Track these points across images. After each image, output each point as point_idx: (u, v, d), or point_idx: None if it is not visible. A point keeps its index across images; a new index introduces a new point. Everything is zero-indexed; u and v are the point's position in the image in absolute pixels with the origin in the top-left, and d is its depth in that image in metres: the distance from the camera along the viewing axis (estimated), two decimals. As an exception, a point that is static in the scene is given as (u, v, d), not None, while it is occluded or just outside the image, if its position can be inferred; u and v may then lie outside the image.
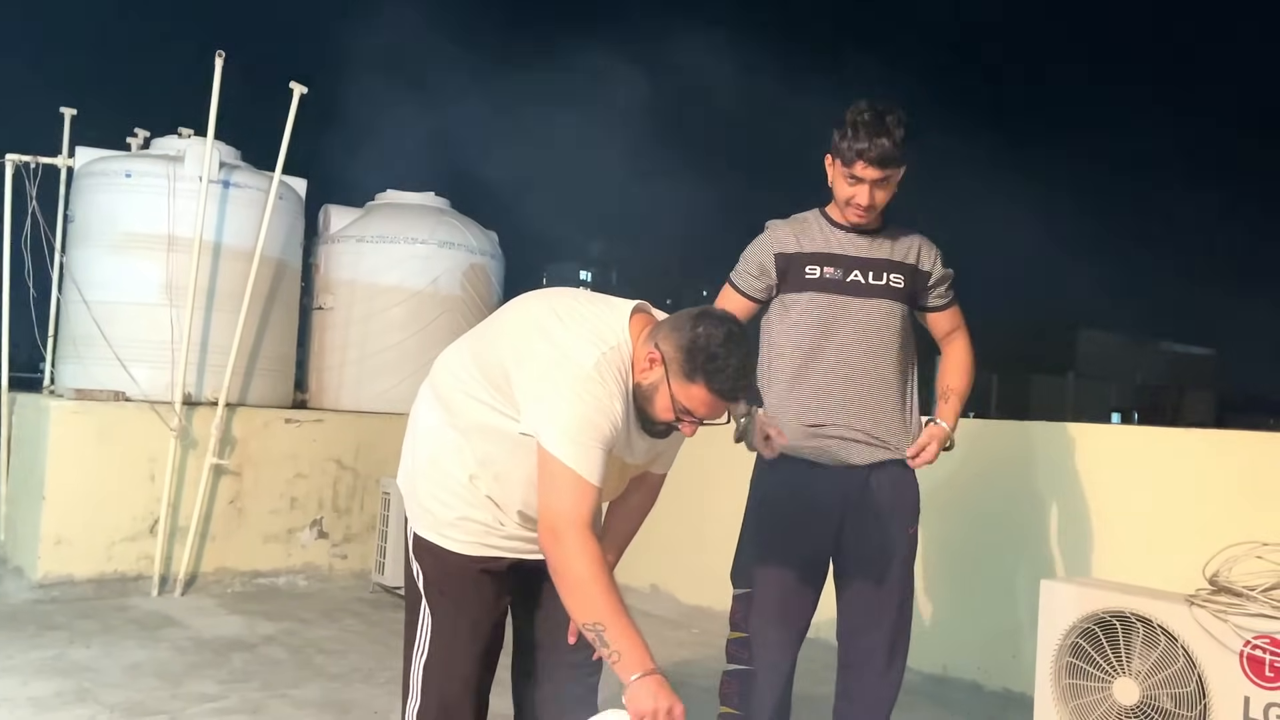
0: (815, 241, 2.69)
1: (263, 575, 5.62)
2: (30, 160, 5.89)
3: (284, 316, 6.15)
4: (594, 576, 1.85)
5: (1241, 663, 2.74)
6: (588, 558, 1.86)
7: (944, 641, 4.28)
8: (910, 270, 2.69)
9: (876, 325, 2.64)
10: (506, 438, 2.03)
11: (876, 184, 2.56)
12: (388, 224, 6.56)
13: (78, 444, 5.14)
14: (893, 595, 2.66)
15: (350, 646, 4.48)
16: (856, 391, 2.65)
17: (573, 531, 1.87)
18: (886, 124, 2.52)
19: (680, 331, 1.98)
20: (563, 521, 1.88)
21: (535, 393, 1.96)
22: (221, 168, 5.67)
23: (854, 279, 2.64)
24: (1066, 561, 3.87)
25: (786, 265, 2.69)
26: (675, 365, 1.96)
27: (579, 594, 1.87)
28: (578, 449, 1.89)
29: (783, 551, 2.64)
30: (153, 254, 5.53)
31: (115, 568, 5.19)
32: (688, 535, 5.44)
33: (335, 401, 6.40)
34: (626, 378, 2.00)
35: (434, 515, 2.16)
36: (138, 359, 5.45)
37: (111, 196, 5.64)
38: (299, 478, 5.76)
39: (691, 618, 5.26)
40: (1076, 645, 3.05)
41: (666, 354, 1.97)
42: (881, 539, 2.65)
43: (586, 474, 1.89)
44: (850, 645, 2.69)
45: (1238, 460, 3.57)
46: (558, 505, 1.89)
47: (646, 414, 2.02)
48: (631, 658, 1.82)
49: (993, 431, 4.54)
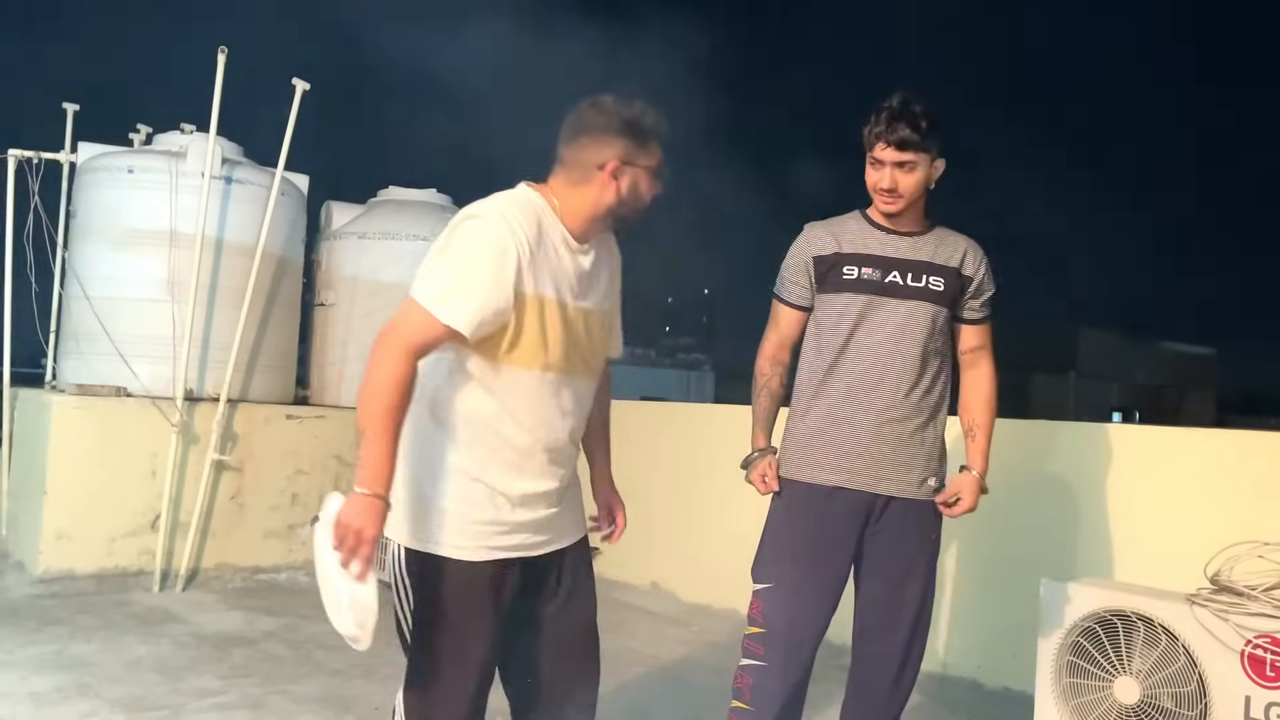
0: (854, 242, 2.65)
1: (263, 571, 5.62)
2: (33, 156, 5.89)
3: (286, 313, 6.15)
4: (386, 390, 1.92)
5: (1242, 662, 2.74)
6: (393, 372, 1.93)
7: (944, 640, 4.29)
8: (953, 274, 2.63)
9: (911, 327, 2.59)
10: (468, 374, 2.06)
11: (898, 168, 2.53)
12: (390, 220, 6.56)
13: (79, 439, 5.14)
14: (914, 599, 2.63)
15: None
16: (884, 397, 2.59)
17: (395, 345, 1.94)
18: (910, 110, 2.52)
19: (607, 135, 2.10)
20: (392, 334, 1.96)
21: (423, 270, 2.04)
22: (224, 164, 5.67)
23: (892, 279, 2.60)
24: (1067, 560, 3.87)
25: (825, 266, 2.66)
26: (631, 150, 2.10)
27: (365, 400, 1.93)
28: (438, 291, 1.97)
29: (805, 558, 2.62)
30: (155, 250, 5.54)
31: (116, 563, 5.20)
32: (688, 534, 5.45)
33: (336, 398, 6.40)
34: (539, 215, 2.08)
35: (426, 519, 2.07)
36: (139, 354, 5.45)
37: (114, 192, 5.65)
38: (300, 474, 5.77)
39: (692, 616, 5.27)
40: (1077, 644, 3.05)
41: (618, 155, 2.09)
42: (904, 544, 2.63)
43: (442, 314, 1.95)
44: (865, 645, 2.66)
45: (1239, 460, 3.57)
46: (396, 321, 1.98)
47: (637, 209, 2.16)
48: (369, 472, 1.89)
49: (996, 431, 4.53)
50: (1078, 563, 3.83)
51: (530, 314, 2.03)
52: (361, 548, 1.86)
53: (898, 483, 2.60)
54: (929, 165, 2.57)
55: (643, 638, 4.82)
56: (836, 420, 2.62)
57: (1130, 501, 3.75)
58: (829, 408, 2.64)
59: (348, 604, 1.93)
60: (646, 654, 4.53)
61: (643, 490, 5.54)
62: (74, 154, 6.00)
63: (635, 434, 5.48)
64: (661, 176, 2.17)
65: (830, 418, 2.63)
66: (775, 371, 2.80)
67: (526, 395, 2.08)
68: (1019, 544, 4.07)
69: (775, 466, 2.73)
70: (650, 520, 5.69)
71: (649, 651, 4.58)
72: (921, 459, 2.63)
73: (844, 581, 2.65)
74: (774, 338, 2.79)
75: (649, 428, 5.79)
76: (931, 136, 2.54)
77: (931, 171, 2.58)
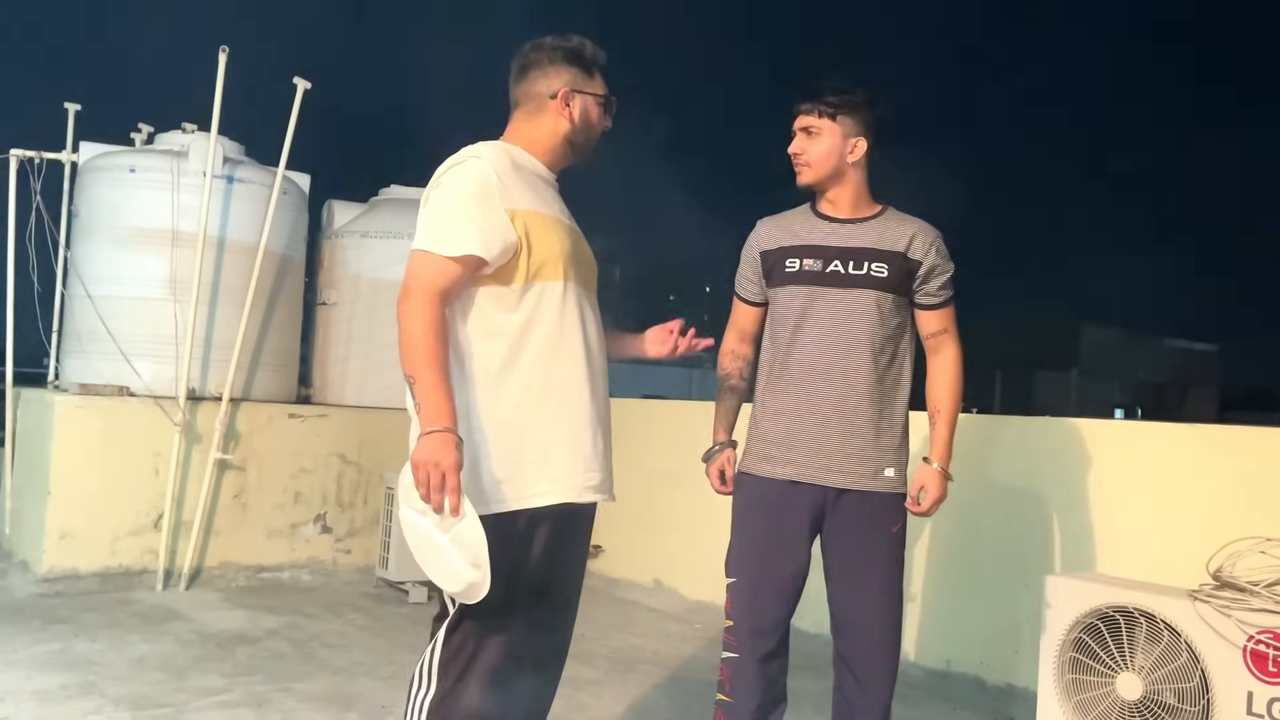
0: (798, 234, 2.69)
1: (267, 570, 5.63)
2: (34, 156, 5.90)
3: (288, 311, 6.16)
4: (423, 335, 1.98)
5: (1245, 658, 2.74)
6: (425, 319, 2.00)
7: (947, 637, 4.29)
8: (898, 258, 2.61)
9: (854, 316, 2.59)
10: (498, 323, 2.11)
11: (804, 134, 2.64)
12: (391, 219, 6.56)
13: (82, 439, 5.15)
14: (877, 590, 2.62)
15: (354, 641, 4.49)
16: (833, 388, 2.60)
17: (421, 294, 2.02)
18: (821, 83, 2.64)
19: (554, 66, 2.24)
20: (416, 283, 2.03)
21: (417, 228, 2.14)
22: (225, 163, 5.67)
23: (833, 269, 2.61)
24: (1070, 556, 3.88)
25: (771, 261, 2.72)
26: (579, 78, 2.25)
27: (406, 347, 2.00)
28: (436, 233, 2.07)
29: (762, 552, 2.65)
30: (157, 249, 5.54)
31: (120, 562, 5.21)
32: (691, 530, 5.45)
33: (339, 396, 6.41)
34: (507, 151, 2.19)
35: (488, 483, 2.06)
36: (142, 354, 5.46)
37: (116, 191, 5.65)
38: (303, 472, 5.77)
39: (695, 612, 5.27)
40: (1080, 640, 3.05)
41: (567, 83, 2.24)
42: (863, 536, 2.63)
43: (447, 249, 2.04)
44: (839, 639, 2.67)
45: (1241, 456, 3.57)
46: (415, 271, 2.05)
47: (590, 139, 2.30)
48: (429, 412, 1.93)
49: (996, 426, 4.54)
50: (1080, 558, 3.83)
51: (535, 229, 2.13)
52: (448, 479, 1.89)
53: (850, 474, 2.60)
54: (839, 138, 2.61)
55: (646, 635, 4.83)
56: (788, 414, 2.65)
57: (1132, 497, 3.75)
58: (781, 401, 2.67)
59: (454, 550, 1.92)
60: (649, 651, 4.54)
61: (645, 488, 5.56)
62: (76, 154, 6.00)
63: (637, 432, 5.48)
64: (610, 107, 2.31)
65: (782, 411, 2.66)
66: (735, 367, 2.86)
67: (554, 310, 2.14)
68: (1021, 540, 4.07)
69: (734, 461, 2.79)
70: (653, 517, 5.71)
71: (652, 648, 4.59)
72: (876, 449, 2.62)
73: (803, 573, 2.66)
74: (733, 333, 2.87)
75: (651, 426, 5.80)
76: (842, 109, 2.61)
77: (845, 147, 2.62)
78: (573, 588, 2.32)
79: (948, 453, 2.69)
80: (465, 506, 1.91)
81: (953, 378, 2.72)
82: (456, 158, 2.15)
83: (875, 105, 2.66)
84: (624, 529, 5.78)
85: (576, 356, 2.17)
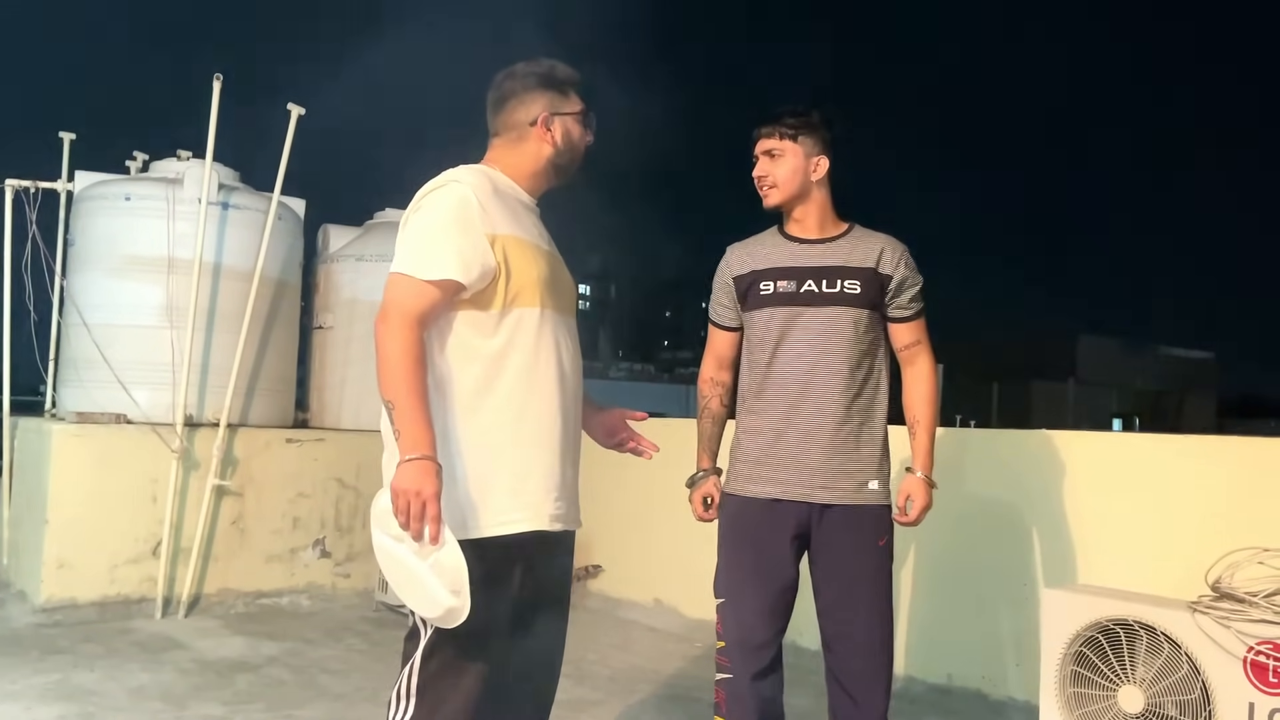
0: (769, 257, 2.72)
1: (266, 595, 5.62)
2: (30, 185, 5.91)
3: (284, 336, 6.16)
4: (400, 360, 1.99)
5: (1245, 669, 2.75)
6: (402, 343, 2.00)
7: (948, 651, 4.28)
8: (869, 274, 2.65)
9: (831, 333, 2.63)
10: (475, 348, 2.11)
11: (766, 156, 2.68)
12: (386, 242, 6.57)
13: (79, 467, 5.15)
14: (865, 605, 2.63)
15: (354, 666, 4.47)
16: (812, 405, 2.63)
17: (398, 318, 2.02)
18: (782, 107, 2.69)
19: (530, 93, 2.25)
20: (393, 308, 2.03)
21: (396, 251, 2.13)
22: (220, 189, 5.70)
23: (808, 289, 2.65)
24: (1069, 569, 3.88)
25: (744, 285, 2.74)
26: (556, 100, 2.26)
27: (385, 372, 2.01)
28: (415, 257, 2.06)
29: (749, 571, 2.67)
30: (153, 276, 5.55)
31: (118, 590, 5.19)
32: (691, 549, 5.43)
33: (336, 420, 6.41)
34: (487, 174, 2.20)
35: (466, 509, 2.06)
36: (139, 381, 5.46)
37: (111, 220, 5.67)
38: (301, 497, 5.77)
39: (695, 631, 5.25)
40: (1080, 654, 3.05)
41: (546, 107, 2.24)
42: (849, 551, 2.64)
43: (425, 273, 2.03)
44: (830, 656, 2.68)
45: (1238, 466, 3.58)
46: (393, 295, 2.05)
47: (574, 159, 2.30)
48: (409, 439, 1.93)
49: (994, 441, 4.55)
50: (1079, 570, 3.83)
51: (514, 254, 2.12)
52: (429, 507, 1.88)
53: (834, 490, 2.62)
54: (801, 158, 2.66)
55: (647, 655, 4.81)
56: (770, 433, 2.67)
57: (1131, 509, 3.76)
58: (762, 421, 2.69)
59: (433, 576, 1.92)
60: (650, 671, 4.53)
61: (644, 506, 5.56)
62: (71, 183, 6.02)
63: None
64: (590, 122, 2.33)
65: (763, 430, 2.69)
66: (715, 392, 2.88)
67: (530, 336, 2.14)
68: (1020, 553, 4.07)
69: (718, 487, 2.82)
70: (652, 536, 5.70)
71: (653, 668, 4.57)
72: (858, 464, 2.64)
73: (791, 589, 2.67)
74: (711, 360, 2.90)
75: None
76: (802, 130, 2.65)
77: (808, 166, 2.66)
78: (555, 611, 2.31)
79: (930, 461, 2.71)
80: (445, 534, 1.90)
81: (929, 388, 2.77)
82: (436, 181, 2.16)
83: (833, 125, 2.71)
84: (624, 548, 5.77)
85: (551, 384, 2.17)
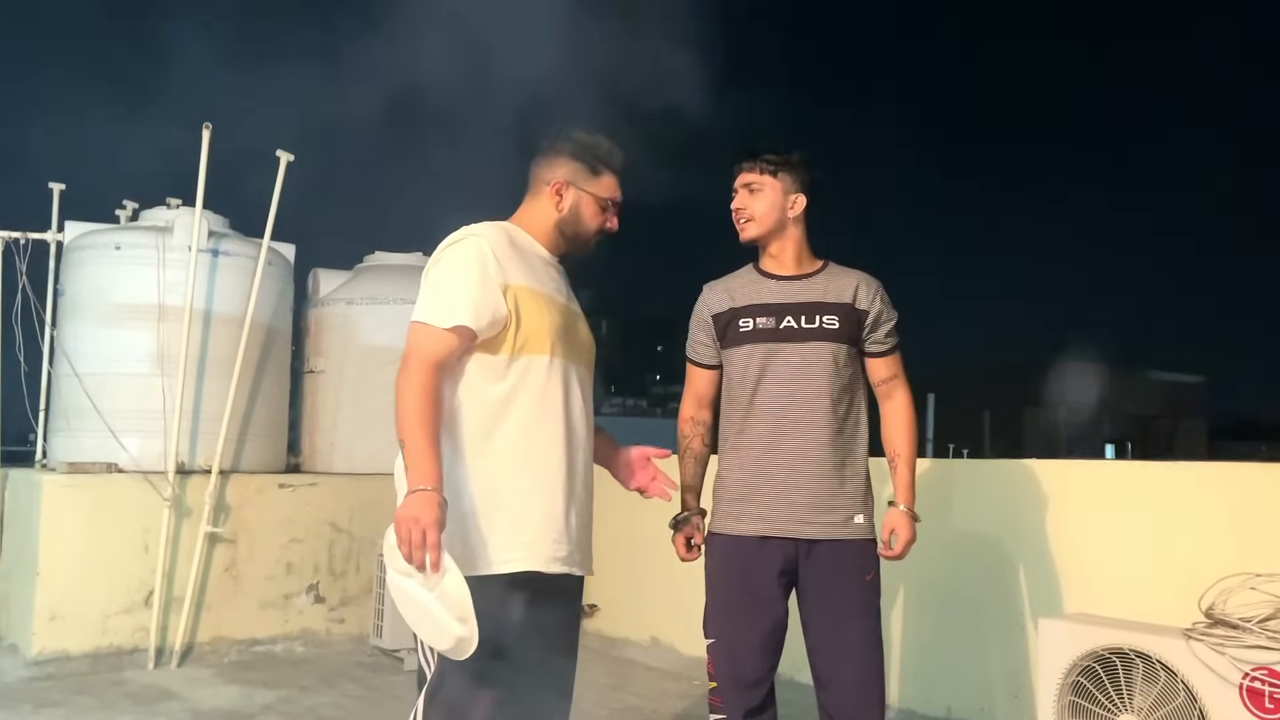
0: (747, 294, 2.75)
1: (260, 643, 5.57)
2: (20, 236, 5.94)
3: (275, 381, 6.17)
4: (414, 400, 2.04)
5: (1241, 695, 2.75)
6: (418, 385, 2.05)
7: (947, 683, 4.27)
8: (847, 309, 2.69)
9: (811, 369, 2.65)
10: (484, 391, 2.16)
11: (745, 190, 2.72)
12: (377, 285, 6.60)
13: (71, 518, 5.12)
14: (855, 639, 2.63)
15: (349, 713, 4.44)
16: (795, 441, 2.64)
17: (415, 362, 2.08)
18: (759, 143, 2.74)
19: (559, 157, 2.32)
20: (411, 354, 2.10)
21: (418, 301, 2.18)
22: (210, 236, 5.72)
23: (787, 325, 2.68)
24: (1064, 598, 3.87)
25: (723, 323, 2.77)
26: (580, 174, 2.32)
27: (400, 412, 2.05)
28: (432, 306, 2.12)
29: (739, 610, 2.67)
30: (143, 324, 5.56)
31: (111, 641, 5.15)
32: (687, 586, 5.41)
33: (329, 464, 6.39)
34: (505, 231, 2.26)
35: (465, 548, 2.09)
36: (130, 429, 5.45)
37: (101, 269, 5.68)
38: (294, 542, 5.74)
39: (692, 670, 5.23)
40: (1078, 684, 3.05)
41: (565, 176, 2.31)
42: (838, 586, 2.64)
43: (440, 320, 2.10)
44: (822, 691, 2.67)
45: (1229, 492, 3.59)
46: (412, 342, 2.12)
47: (582, 233, 2.34)
48: (416, 473, 1.99)
49: (987, 471, 4.56)
50: (1074, 599, 3.83)
51: (526, 304, 2.18)
52: (428, 535, 1.91)
53: (820, 525, 2.63)
54: (780, 194, 2.70)
55: (644, 694, 4.78)
56: (753, 470, 2.68)
57: (1124, 536, 3.76)
58: (746, 459, 2.71)
59: (440, 606, 1.94)
60: (648, 710, 4.50)
61: (638, 544, 5.54)
62: (61, 233, 6.04)
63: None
64: (611, 210, 2.36)
65: (747, 468, 2.70)
66: (696, 432, 2.89)
67: (538, 382, 2.18)
68: (1017, 582, 4.07)
69: (701, 528, 2.82)
70: (647, 574, 5.67)
71: (650, 708, 4.55)
72: (844, 498, 2.66)
73: (781, 626, 2.68)
74: (691, 398, 2.91)
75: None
76: (783, 167, 2.70)
77: (785, 202, 2.71)
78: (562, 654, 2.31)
79: (911, 494, 2.72)
80: (447, 562, 1.93)
81: (906, 421, 2.79)
82: (456, 235, 2.22)
83: (810, 166, 2.75)
84: (620, 587, 5.74)
85: (557, 430, 2.21)
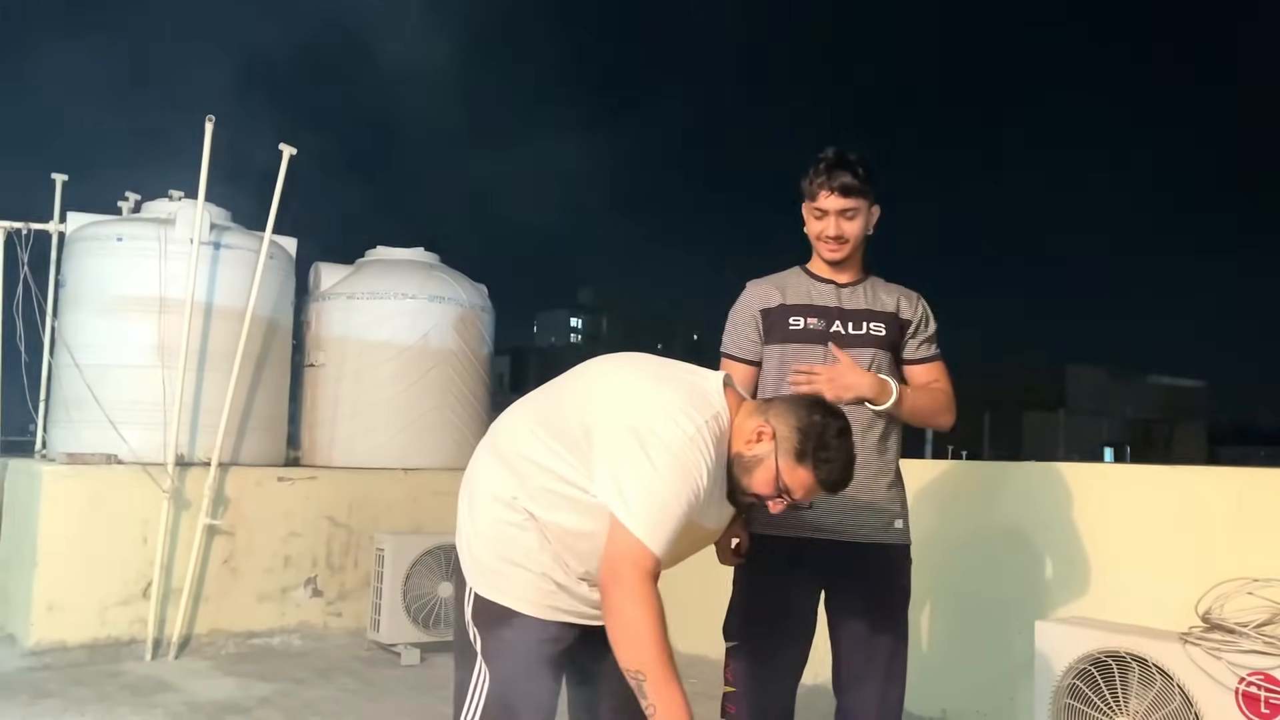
0: (799, 293, 2.73)
1: (257, 635, 5.57)
2: (22, 227, 5.94)
3: (276, 375, 6.17)
4: (643, 621, 1.84)
5: (1237, 699, 2.75)
6: (642, 603, 1.85)
7: (943, 685, 4.27)
8: (892, 318, 2.71)
9: None
10: (577, 504, 2.00)
11: (842, 215, 2.65)
12: (378, 280, 6.60)
13: (70, 508, 5.12)
14: (885, 646, 2.63)
15: (346, 706, 4.44)
16: None
17: (633, 574, 1.86)
18: (849, 160, 2.65)
19: (797, 414, 2.04)
20: (625, 564, 1.88)
21: (618, 459, 1.94)
22: (212, 229, 5.72)
23: (835, 329, 2.68)
24: (1061, 601, 3.88)
25: (771, 319, 2.74)
26: (787, 444, 2.01)
27: (627, 637, 1.86)
28: (649, 524, 1.89)
29: (770, 617, 2.64)
30: (144, 316, 5.56)
31: (109, 632, 5.15)
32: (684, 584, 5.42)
33: (328, 458, 6.40)
34: (722, 446, 2.02)
35: (500, 575, 2.07)
36: (130, 421, 5.45)
37: (103, 261, 5.69)
38: (293, 536, 5.74)
39: (692, 667, 5.20)
40: (1074, 687, 3.05)
41: (779, 431, 2.02)
42: (872, 592, 2.64)
43: (654, 546, 1.89)
44: (843, 696, 2.67)
45: (1227, 496, 3.59)
46: (620, 556, 1.89)
47: (741, 484, 2.05)
48: (667, 716, 1.81)
49: (986, 474, 4.57)
50: (1072, 602, 3.83)
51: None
52: None
53: (863, 529, 2.63)
54: (868, 211, 2.69)
55: (641, 692, 4.78)
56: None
57: (1122, 540, 3.77)
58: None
59: None
60: (645, 708, 4.49)
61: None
62: (63, 224, 6.04)
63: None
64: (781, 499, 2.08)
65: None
66: None
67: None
68: (1013, 585, 4.07)
69: (745, 528, 2.74)
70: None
71: (647, 706, 4.54)
72: (884, 502, 2.66)
73: (809, 637, 2.66)
74: None
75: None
76: (869, 183, 2.67)
77: (870, 218, 2.70)
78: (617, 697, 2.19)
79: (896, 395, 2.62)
80: None
81: (941, 400, 2.75)
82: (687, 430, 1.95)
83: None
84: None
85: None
